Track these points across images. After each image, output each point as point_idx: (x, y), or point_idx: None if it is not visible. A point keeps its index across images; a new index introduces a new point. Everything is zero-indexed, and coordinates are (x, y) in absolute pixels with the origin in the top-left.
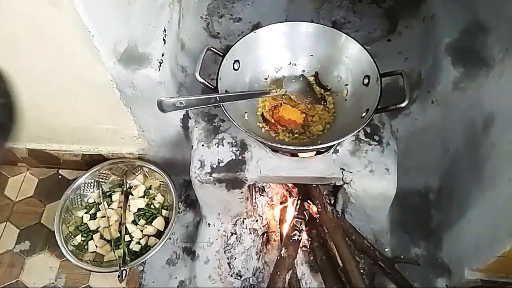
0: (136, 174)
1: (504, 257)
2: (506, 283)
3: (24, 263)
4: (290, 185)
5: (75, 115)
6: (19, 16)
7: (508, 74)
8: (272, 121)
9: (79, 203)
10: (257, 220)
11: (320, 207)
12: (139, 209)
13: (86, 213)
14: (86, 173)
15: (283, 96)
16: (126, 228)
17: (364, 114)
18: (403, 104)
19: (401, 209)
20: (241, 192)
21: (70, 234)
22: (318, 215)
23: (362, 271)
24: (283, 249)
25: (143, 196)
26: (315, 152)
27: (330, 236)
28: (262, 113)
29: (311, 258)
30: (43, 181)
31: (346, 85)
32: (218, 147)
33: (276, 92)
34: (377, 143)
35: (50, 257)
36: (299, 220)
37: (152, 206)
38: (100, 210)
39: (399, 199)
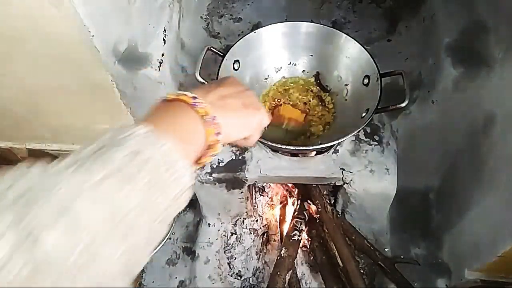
0: None
1: (504, 257)
2: (506, 283)
3: None
4: (290, 185)
5: (75, 115)
6: (18, 16)
7: (508, 74)
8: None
9: None
10: (257, 220)
11: (320, 207)
12: None
13: None
14: None
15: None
16: None
17: (364, 114)
18: (403, 104)
19: (401, 209)
20: (241, 192)
21: None
22: (318, 215)
23: (362, 271)
24: (283, 249)
25: None
26: (315, 152)
27: (330, 236)
28: None
29: (311, 258)
30: None
31: (346, 85)
32: None
33: None
34: (377, 143)
35: None
36: (299, 220)
37: None
38: None
39: (399, 199)
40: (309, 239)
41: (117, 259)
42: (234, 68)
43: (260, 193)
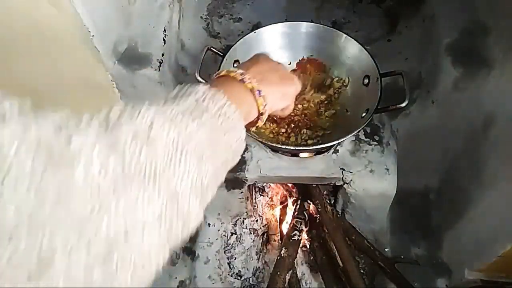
0: None
1: (504, 257)
2: (506, 283)
3: None
4: (290, 185)
5: None
6: (18, 16)
7: (508, 74)
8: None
9: None
10: (257, 220)
11: (320, 207)
12: None
13: None
14: None
15: None
16: None
17: (364, 114)
18: (403, 104)
19: (401, 209)
20: (241, 192)
21: None
22: (318, 215)
23: (362, 271)
24: (283, 249)
25: None
26: (315, 152)
27: (330, 236)
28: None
29: (311, 258)
30: None
31: (346, 85)
32: None
33: None
34: (377, 143)
35: None
36: (299, 220)
37: None
38: None
39: (399, 199)
40: (309, 239)
41: (192, 177)
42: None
43: (260, 193)
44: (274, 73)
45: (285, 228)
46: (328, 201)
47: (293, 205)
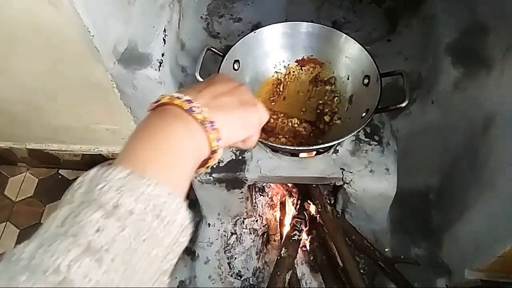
0: None
1: (504, 257)
2: (506, 283)
3: None
4: (290, 185)
5: (75, 115)
6: (19, 16)
7: (508, 74)
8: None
9: None
10: (257, 220)
11: (320, 207)
12: None
13: None
14: None
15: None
16: None
17: (364, 114)
18: (403, 104)
19: (401, 209)
20: (241, 192)
21: None
22: (318, 215)
23: (362, 271)
24: (283, 249)
25: None
26: (315, 152)
27: (330, 236)
28: None
29: (311, 258)
30: (43, 181)
31: (346, 85)
32: None
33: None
34: (377, 143)
35: None
36: (299, 220)
37: None
38: None
39: (399, 199)
40: (309, 239)
41: None
42: (234, 68)
43: (260, 193)
44: (232, 97)
45: (285, 228)
46: (328, 201)
47: (293, 205)
